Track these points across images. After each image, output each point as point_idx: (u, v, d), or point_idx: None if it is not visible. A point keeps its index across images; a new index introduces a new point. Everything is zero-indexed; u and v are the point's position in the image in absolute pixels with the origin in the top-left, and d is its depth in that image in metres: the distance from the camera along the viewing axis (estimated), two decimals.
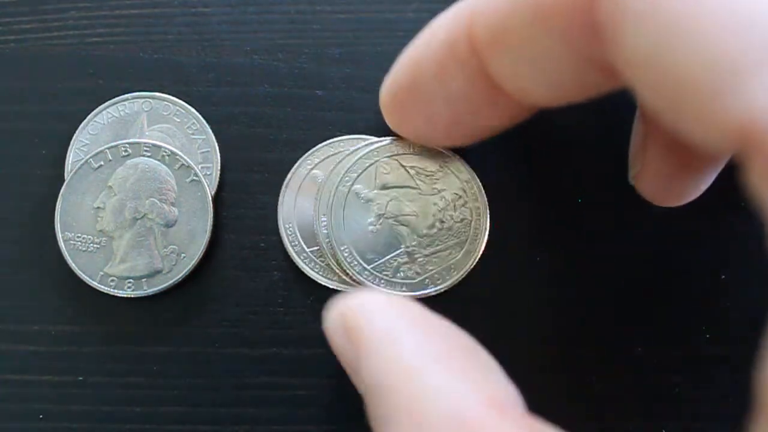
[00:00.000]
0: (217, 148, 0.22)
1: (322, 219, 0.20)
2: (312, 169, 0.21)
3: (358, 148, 0.20)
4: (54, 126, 0.22)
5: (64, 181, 0.21)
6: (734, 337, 0.21)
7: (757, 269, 0.21)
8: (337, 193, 0.20)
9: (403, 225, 0.20)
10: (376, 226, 0.20)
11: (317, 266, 0.21)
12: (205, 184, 0.21)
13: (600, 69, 0.15)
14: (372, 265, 0.20)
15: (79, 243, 0.21)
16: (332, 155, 0.21)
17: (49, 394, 0.20)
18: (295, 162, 0.21)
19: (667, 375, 0.20)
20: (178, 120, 0.22)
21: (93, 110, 0.22)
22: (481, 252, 0.20)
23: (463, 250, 0.20)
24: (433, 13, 0.22)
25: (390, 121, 0.20)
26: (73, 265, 0.21)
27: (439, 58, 0.17)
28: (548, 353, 0.20)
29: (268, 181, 0.21)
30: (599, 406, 0.20)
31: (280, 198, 0.21)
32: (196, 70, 0.22)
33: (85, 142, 0.22)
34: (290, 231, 0.21)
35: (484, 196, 0.20)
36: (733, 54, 0.11)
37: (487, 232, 0.20)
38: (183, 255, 0.21)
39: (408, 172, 0.20)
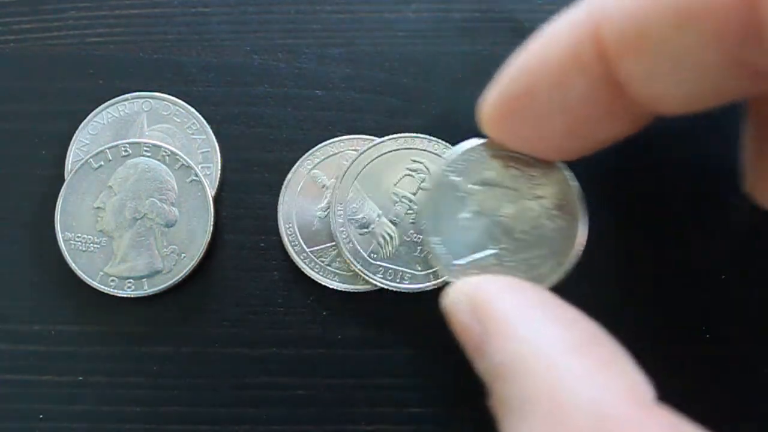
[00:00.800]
0: (217, 148, 0.22)
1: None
2: (312, 168, 0.21)
3: (464, 144, 0.19)
4: (54, 126, 0.22)
5: (64, 181, 0.21)
6: (734, 337, 0.21)
7: (757, 269, 0.21)
8: (436, 182, 0.19)
9: (497, 226, 0.19)
10: (471, 221, 0.19)
11: (317, 266, 0.21)
12: (205, 184, 0.21)
13: (749, 73, 0.14)
14: (460, 261, 0.18)
15: (79, 243, 0.21)
16: (332, 155, 0.21)
17: (49, 394, 0.20)
18: (296, 162, 0.21)
19: (667, 375, 0.20)
20: (178, 120, 0.22)
21: (93, 110, 0.22)
22: (571, 266, 0.19)
23: (553, 261, 0.19)
24: (433, 13, 0.22)
25: (495, 132, 0.18)
26: (73, 265, 0.21)
27: (560, 65, 0.16)
28: None
29: (268, 181, 0.21)
30: None
31: (280, 198, 0.21)
32: (196, 70, 0.22)
33: (85, 142, 0.22)
34: (290, 231, 0.21)
35: (585, 208, 0.19)
36: None
37: (581, 247, 0.19)
38: (183, 255, 0.21)
39: (511, 172, 0.19)
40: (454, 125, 0.22)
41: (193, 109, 0.22)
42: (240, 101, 0.22)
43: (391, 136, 0.21)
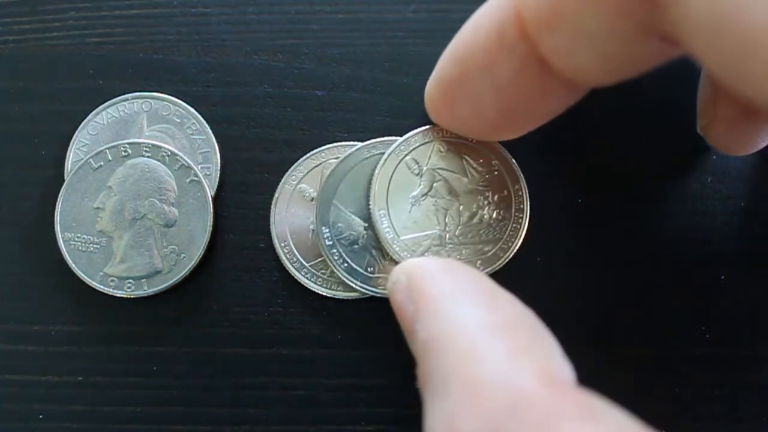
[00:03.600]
0: (217, 148, 0.22)
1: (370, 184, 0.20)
2: (297, 184, 0.21)
3: (422, 128, 0.20)
4: (54, 126, 0.22)
5: (64, 181, 0.21)
6: (734, 337, 0.21)
7: (757, 269, 0.21)
8: (389, 159, 0.20)
9: (443, 208, 0.20)
10: (419, 201, 0.20)
11: (319, 279, 0.21)
12: (205, 184, 0.21)
13: (658, 39, 0.14)
14: (403, 237, 0.20)
15: (79, 243, 0.21)
16: (315, 167, 0.21)
17: (49, 394, 0.20)
18: (295, 162, 0.21)
19: (667, 375, 0.20)
20: (178, 120, 0.22)
21: (93, 110, 0.22)
22: (511, 255, 0.20)
23: (495, 248, 0.20)
24: (433, 13, 0.22)
25: (437, 117, 0.19)
26: (73, 265, 0.21)
27: (487, 47, 0.17)
28: None
29: (268, 181, 0.21)
30: None
31: (271, 217, 0.21)
32: (196, 70, 0.22)
33: (85, 142, 0.22)
34: (287, 249, 0.21)
35: (529, 203, 0.20)
36: None
37: (521, 239, 0.20)
38: (183, 255, 0.21)
39: (462, 160, 0.20)
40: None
41: (193, 109, 0.22)
42: (240, 101, 0.22)
43: (356, 147, 0.21)
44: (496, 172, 0.20)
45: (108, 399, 0.20)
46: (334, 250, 0.20)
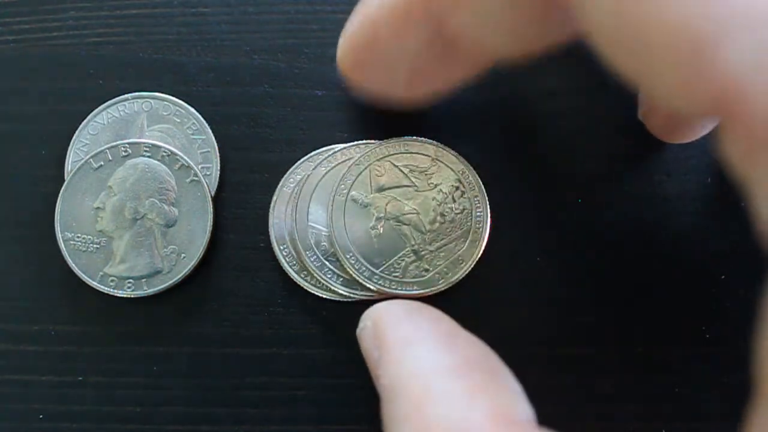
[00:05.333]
0: (217, 148, 0.22)
1: (322, 230, 0.20)
2: (295, 187, 0.21)
3: (350, 157, 0.20)
4: (54, 126, 0.22)
5: (64, 181, 0.21)
6: (734, 337, 0.21)
7: (757, 269, 0.21)
8: (335, 202, 0.20)
9: (405, 224, 0.20)
10: (378, 229, 0.20)
11: (318, 282, 0.21)
12: (205, 184, 0.21)
13: (560, 16, 0.14)
14: (380, 269, 0.20)
15: (79, 243, 0.21)
16: (309, 174, 0.21)
17: (49, 394, 0.20)
18: (295, 162, 0.21)
19: (667, 375, 0.20)
20: (178, 120, 0.22)
21: (93, 110, 0.22)
22: (486, 240, 0.20)
23: (468, 240, 0.20)
24: None
25: (351, 77, 0.19)
26: (73, 265, 0.21)
27: (395, 20, 0.17)
28: (547, 353, 0.20)
29: (268, 181, 0.21)
30: (599, 405, 0.20)
31: (270, 220, 0.21)
32: (196, 70, 0.22)
33: (85, 142, 0.22)
34: (285, 251, 0.21)
35: (481, 185, 0.20)
36: (707, 16, 0.10)
37: (489, 220, 0.20)
38: (183, 255, 0.21)
39: (402, 171, 0.20)
40: (454, 125, 0.22)
41: (193, 109, 0.22)
42: (240, 101, 0.22)
43: (312, 168, 0.21)
44: (435, 166, 0.20)
45: (108, 399, 0.20)
46: (326, 269, 0.20)
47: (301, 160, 0.21)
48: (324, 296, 0.21)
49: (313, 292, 0.21)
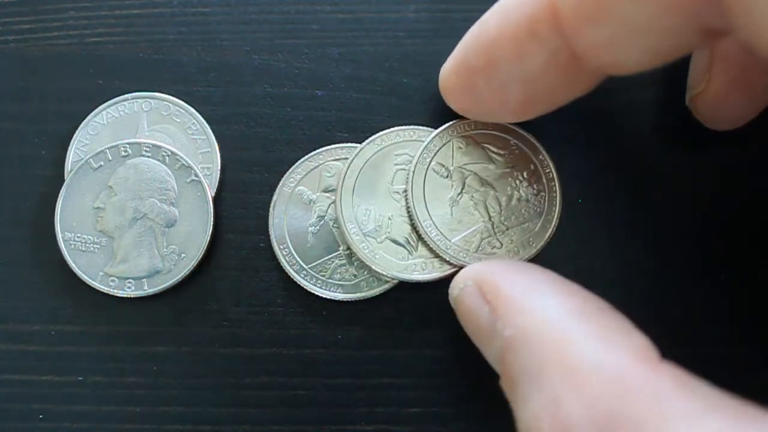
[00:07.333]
0: (217, 148, 0.22)
1: (404, 194, 0.20)
2: (296, 186, 0.21)
3: (434, 131, 0.21)
4: (54, 126, 0.22)
5: (64, 181, 0.21)
6: (734, 336, 0.21)
7: (757, 269, 0.21)
8: (416, 171, 0.20)
9: (481, 200, 0.20)
10: (457, 200, 0.20)
11: (319, 281, 0.21)
12: (205, 184, 0.21)
13: (703, 31, 0.14)
14: (455, 239, 0.20)
15: (79, 243, 0.21)
16: (313, 169, 0.21)
17: (49, 394, 0.20)
18: (295, 162, 0.21)
19: None
20: (178, 120, 0.22)
21: (93, 110, 0.22)
22: (556, 221, 0.20)
23: (540, 222, 0.20)
24: (433, 13, 0.22)
25: (454, 102, 0.19)
26: (73, 265, 0.21)
27: (517, 39, 0.16)
28: None
29: (268, 181, 0.21)
30: None
31: (270, 220, 0.21)
32: (196, 70, 0.22)
33: (85, 142, 0.22)
34: (286, 251, 0.21)
35: (555, 169, 0.20)
36: None
37: (560, 203, 0.20)
38: (183, 255, 0.21)
39: (483, 150, 0.21)
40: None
41: (193, 109, 0.22)
42: (240, 101, 0.22)
43: (368, 141, 0.21)
44: (517, 151, 0.21)
45: (108, 399, 0.20)
46: (363, 244, 0.20)
47: (301, 160, 0.21)
48: (324, 296, 0.21)
49: (313, 292, 0.21)
